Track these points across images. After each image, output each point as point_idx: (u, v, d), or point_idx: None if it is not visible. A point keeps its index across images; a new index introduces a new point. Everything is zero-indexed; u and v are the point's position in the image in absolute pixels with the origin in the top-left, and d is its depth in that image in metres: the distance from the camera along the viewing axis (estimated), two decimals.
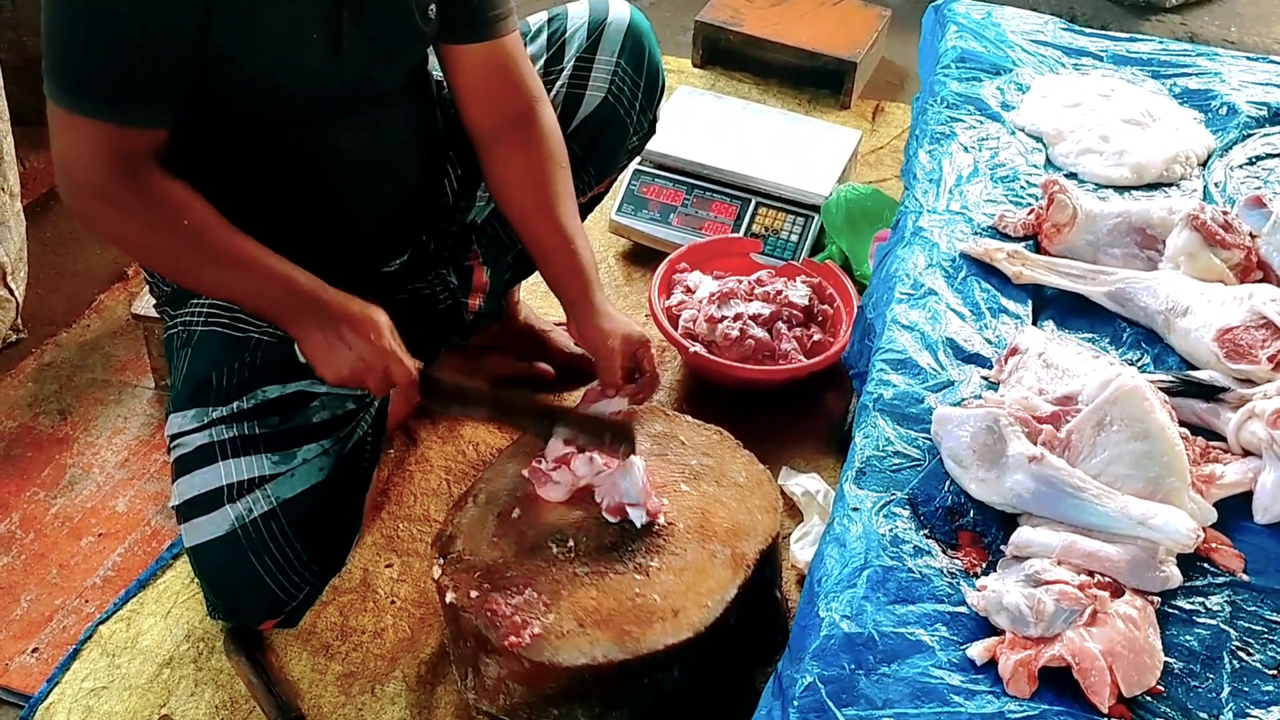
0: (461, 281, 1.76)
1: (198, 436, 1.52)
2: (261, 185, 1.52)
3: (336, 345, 1.45)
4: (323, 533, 1.56)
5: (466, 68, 1.61)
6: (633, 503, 1.54)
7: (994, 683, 1.12)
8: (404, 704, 1.62)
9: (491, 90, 1.62)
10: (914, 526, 1.27)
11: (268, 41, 1.40)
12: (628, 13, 1.79)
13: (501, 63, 1.61)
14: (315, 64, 1.45)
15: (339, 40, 1.44)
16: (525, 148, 1.63)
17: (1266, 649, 1.17)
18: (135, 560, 1.81)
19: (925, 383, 1.43)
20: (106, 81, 1.34)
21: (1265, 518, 1.30)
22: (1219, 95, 1.94)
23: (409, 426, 2.00)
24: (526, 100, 1.63)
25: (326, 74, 1.47)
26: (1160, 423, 1.29)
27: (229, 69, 1.40)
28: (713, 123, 2.47)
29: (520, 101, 1.63)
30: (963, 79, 1.97)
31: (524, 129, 1.63)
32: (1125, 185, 1.77)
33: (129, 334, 2.15)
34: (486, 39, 1.59)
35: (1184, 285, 1.52)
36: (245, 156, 1.50)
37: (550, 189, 1.63)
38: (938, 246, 1.63)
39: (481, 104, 1.63)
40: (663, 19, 3.13)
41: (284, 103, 1.47)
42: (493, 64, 1.61)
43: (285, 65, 1.44)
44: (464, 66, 1.61)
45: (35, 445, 1.98)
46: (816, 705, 1.09)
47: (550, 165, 1.64)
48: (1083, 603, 1.15)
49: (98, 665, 1.66)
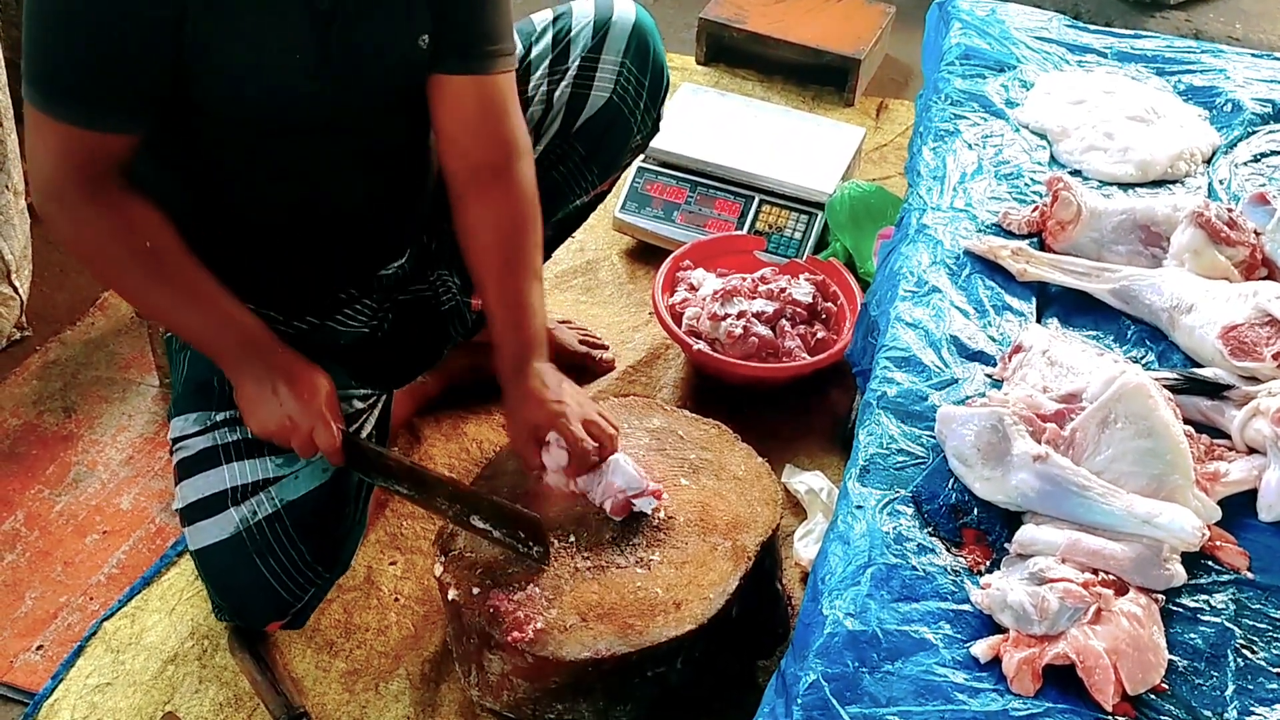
0: (463, 282, 1.76)
1: (200, 440, 1.52)
2: (251, 191, 1.51)
3: (269, 399, 1.44)
4: (327, 534, 1.56)
5: (450, 101, 1.52)
6: (635, 492, 1.54)
7: (998, 681, 1.12)
8: (408, 701, 1.63)
9: (472, 133, 1.54)
10: (918, 524, 1.26)
11: (249, 55, 1.37)
12: (633, 12, 1.78)
13: (488, 104, 1.53)
14: (298, 81, 1.40)
15: (324, 62, 1.40)
16: (496, 206, 1.56)
17: (1271, 647, 1.17)
18: (140, 557, 1.81)
19: (929, 380, 1.43)
20: (77, 86, 1.33)
21: (1270, 515, 1.29)
22: (1224, 92, 1.94)
23: (413, 425, 2.01)
24: (505, 150, 1.56)
25: (311, 91, 1.42)
26: (1164, 420, 1.29)
27: (211, 80, 1.37)
28: (716, 120, 2.47)
29: (498, 152, 1.55)
30: (967, 76, 1.97)
31: (498, 185, 1.56)
32: (1130, 182, 1.76)
33: (133, 331, 2.16)
34: (476, 73, 1.51)
35: (1188, 282, 1.51)
36: (233, 163, 1.48)
37: (513, 254, 1.57)
38: (942, 244, 1.63)
39: (457, 145, 1.55)
40: (666, 16, 3.12)
41: (269, 115, 1.44)
42: (478, 103, 1.52)
43: (268, 79, 1.39)
44: (448, 99, 1.52)
45: (40, 443, 1.98)
46: (820, 703, 1.09)
47: (517, 230, 1.57)
48: (1087, 600, 1.15)
49: (102, 662, 1.66)
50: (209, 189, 1.50)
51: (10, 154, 2.03)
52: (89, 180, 1.37)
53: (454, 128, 1.54)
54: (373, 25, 1.42)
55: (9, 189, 2.05)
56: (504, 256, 1.57)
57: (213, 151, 1.47)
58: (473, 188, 1.57)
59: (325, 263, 1.60)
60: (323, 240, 1.58)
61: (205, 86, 1.38)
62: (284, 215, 1.54)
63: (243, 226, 1.52)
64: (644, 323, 2.24)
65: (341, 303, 1.64)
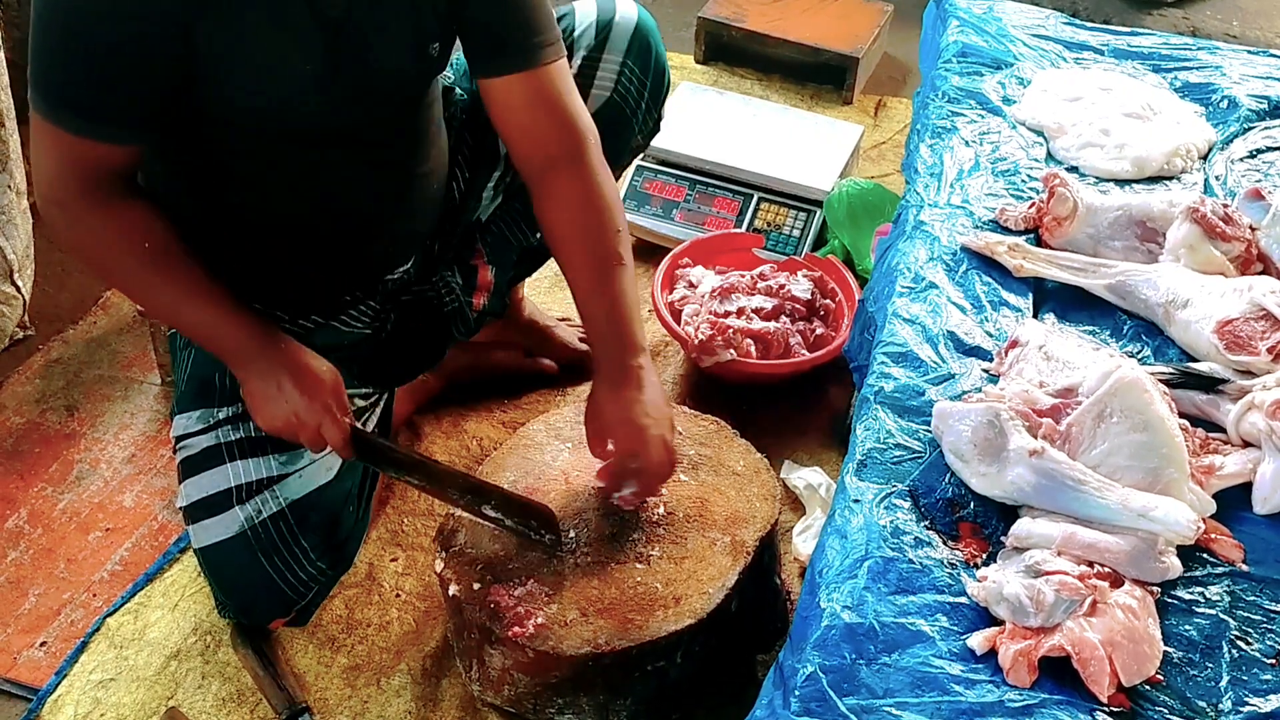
0: (466, 281, 1.76)
1: (204, 438, 1.53)
2: (259, 199, 1.51)
3: (275, 396, 1.43)
4: (331, 532, 1.57)
5: (504, 101, 1.50)
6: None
7: (994, 672, 1.12)
8: (409, 696, 1.64)
9: (530, 129, 1.52)
10: (915, 518, 1.27)
11: (256, 65, 1.36)
12: (635, 12, 1.77)
13: (544, 95, 1.50)
14: (306, 91, 1.39)
15: (332, 70, 1.39)
16: (571, 199, 1.53)
17: (1265, 638, 1.17)
18: (142, 554, 1.82)
19: (926, 375, 1.44)
20: (80, 96, 1.32)
21: (1264, 508, 1.30)
22: (1220, 89, 1.94)
23: (414, 422, 2.01)
24: (571, 140, 1.53)
25: (319, 100, 1.41)
26: (1160, 414, 1.30)
27: (218, 90, 1.37)
28: (715, 118, 2.47)
29: (564, 142, 1.52)
30: (964, 73, 1.97)
31: (571, 174, 1.53)
32: (1126, 179, 1.77)
33: (136, 330, 2.16)
34: (522, 69, 1.48)
35: (1184, 278, 1.52)
36: (243, 171, 1.48)
37: (595, 246, 1.53)
38: (939, 240, 1.64)
39: (521, 144, 1.54)
40: (665, 15, 3.12)
41: (278, 124, 1.43)
42: (533, 97, 1.49)
43: (275, 89, 1.38)
44: (502, 100, 1.50)
45: (43, 441, 1.99)
46: (818, 695, 1.10)
47: (597, 222, 1.53)
48: (1082, 593, 1.16)
49: (105, 658, 1.67)
50: (218, 196, 1.50)
51: (13, 154, 2.04)
52: (91, 187, 1.37)
53: (512, 127, 1.53)
54: (382, 34, 1.41)
55: (11, 189, 2.06)
56: (587, 249, 1.54)
57: (222, 160, 1.47)
58: (545, 182, 1.54)
59: (332, 268, 1.60)
60: (330, 247, 1.57)
61: (214, 97, 1.37)
62: (292, 222, 1.53)
63: (251, 232, 1.52)
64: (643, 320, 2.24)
65: (346, 304, 1.64)
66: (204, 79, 1.35)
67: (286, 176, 1.49)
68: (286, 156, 1.47)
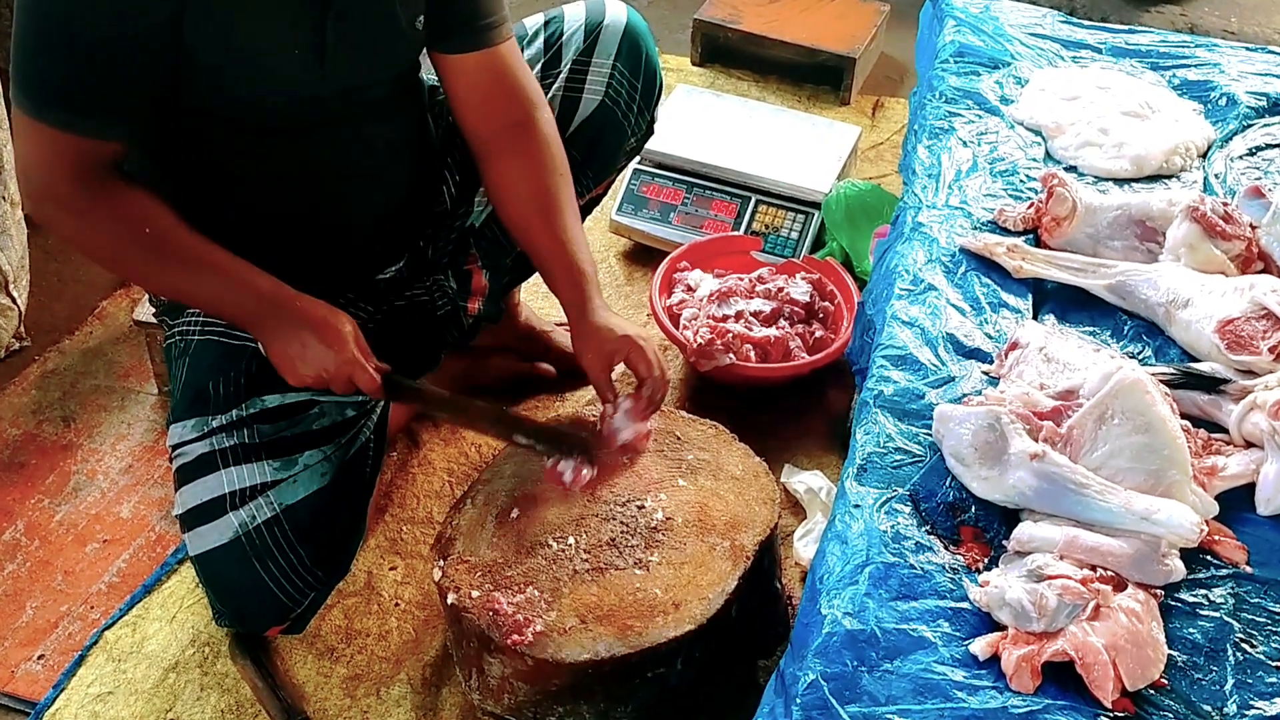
0: (460, 285, 1.76)
1: (198, 445, 1.52)
2: (250, 194, 1.52)
3: (300, 352, 1.45)
4: (326, 538, 1.56)
5: (461, 77, 1.59)
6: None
7: (997, 678, 1.12)
8: (409, 706, 1.63)
9: (488, 98, 1.60)
10: (915, 522, 1.26)
11: (248, 52, 1.38)
12: (624, 14, 1.78)
13: (497, 71, 1.59)
14: (298, 75, 1.43)
15: (322, 51, 1.42)
16: (523, 155, 1.62)
17: (1270, 641, 1.17)
18: (140, 566, 1.81)
19: (926, 378, 1.43)
20: (68, 92, 1.33)
21: (1268, 509, 1.29)
22: (1218, 86, 1.94)
23: (411, 429, 2.01)
24: (523, 107, 1.61)
25: (310, 85, 1.45)
26: (1162, 415, 1.29)
27: (208, 80, 1.38)
28: (712, 121, 2.47)
29: (517, 109, 1.61)
30: (961, 73, 1.97)
31: (522, 136, 1.61)
32: (1125, 178, 1.76)
33: (131, 340, 2.16)
34: (479, 48, 1.57)
35: (1184, 277, 1.51)
36: (232, 167, 1.49)
37: (549, 197, 1.61)
38: (937, 241, 1.63)
39: (478, 112, 1.62)
40: (661, 17, 3.12)
41: (268, 114, 1.46)
42: (488, 72, 1.59)
43: (266, 76, 1.42)
44: (458, 75, 1.60)
45: (39, 452, 1.99)
46: (819, 702, 1.09)
47: (549, 173, 1.62)
48: (1085, 597, 1.15)
49: (103, 671, 1.66)
50: (207, 192, 1.50)
51: (6, 165, 2.04)
52: (83, 180, 1.37)
53: (469, 97, 1.61)
54: (368, 11, 1.45)
55: (5, 199, 2.06)
56: (541, 203, 1.61)
57: (212, 154, 1.48)
58: (496, 146, 1.62)
59: (324, 265, 1.60)
60: (321, 243, 1.59)
61: (204, 88, 1.39)
62: (283, 218, 1.54)
63: (241, 229, 1.52)
64: (642, 324, 2.24)
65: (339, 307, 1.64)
66: (193, 70, 1.36)
67: (275, 170, 1.50)
68: (275, 149, 1.49)
